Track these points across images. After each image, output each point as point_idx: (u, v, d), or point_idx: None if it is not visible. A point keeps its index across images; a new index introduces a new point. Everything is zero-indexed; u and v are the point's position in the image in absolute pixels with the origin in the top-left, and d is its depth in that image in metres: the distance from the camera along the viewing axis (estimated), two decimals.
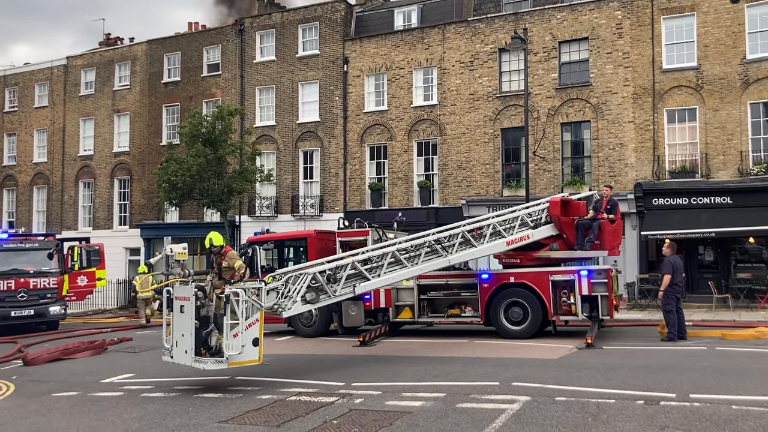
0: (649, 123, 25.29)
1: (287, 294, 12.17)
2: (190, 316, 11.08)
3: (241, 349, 10.80)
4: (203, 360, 11.01)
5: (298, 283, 12.27)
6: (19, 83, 40.84)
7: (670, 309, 14.78)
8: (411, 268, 14.32)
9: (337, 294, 12.96)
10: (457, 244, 14.98)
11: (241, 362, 11.03)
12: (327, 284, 12.71)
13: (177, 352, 11.36)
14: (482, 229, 15.57)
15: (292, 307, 12.22)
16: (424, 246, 14.66)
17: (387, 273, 13.92)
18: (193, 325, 11.04)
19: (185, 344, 11.15)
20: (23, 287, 21.85)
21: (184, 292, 11.32)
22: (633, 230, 24.96)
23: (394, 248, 14.14)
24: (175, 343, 11.41)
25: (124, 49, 38.16)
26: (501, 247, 15.77)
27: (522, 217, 16.11)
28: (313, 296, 12.49)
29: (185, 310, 11.21)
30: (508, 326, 16.06)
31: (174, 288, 11.71)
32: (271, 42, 33.17)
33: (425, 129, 29.42)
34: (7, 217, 40.26)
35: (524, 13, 27.69)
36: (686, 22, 25.06)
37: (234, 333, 10.90)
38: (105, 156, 37.44)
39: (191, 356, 11.03)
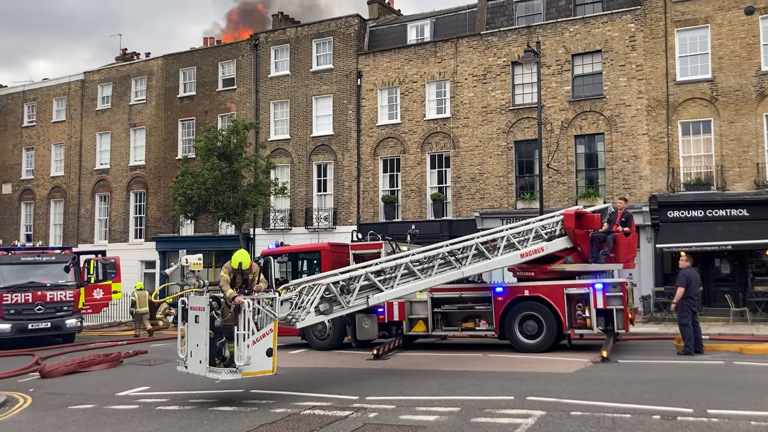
0: (663, 135, 25.20)
1: (301, 305, 12.21)
2: (205, 327, 11.13)
3: (248, 360, 10.83)
4: (217, 370, 11.05)
5: (312, 294, 12.31)
6: (38, 98, 41.41)
7: (686, 322, 14.66)
8: (424, 279, 14.33)
9: (350, 305, 12.97)
10: (471, 256, 14.97)
11: (255, 372, 11.06)
12: (340, 295, 12.74)
13: (191, 362, 11.41)
14: (496, 241, 15.55)
15: (306, 317, 12.25)
16: (437, 258, 14.67)
17: (400, 284, 13.93)
18: (207, 335, 11.09)
19: (200, 354, 11.18)
20: (40, 300, 22.04)
21: (199, 302, 11.38)
22: (648, 243, 24.81)
23: (407, 260, 14.17)
24: (190, 354, 11.44)
25: (140, 64, 38.61)
26: (515, 260, 15.73)
27: (536, 230, 16.07)
28: (326, 307, 12.51)
29: (200, 320, 11.26)
30: (523, 340, 15.99)
31: (189, 298, 11.77)
32: (285, 57, 33.45)
33: (438, 142, 29.48)
34: (25, 230, 40.69)
35: (537, 26, 27.75)
36: (700, 35, 25.00)
37: (248, 343, 10.95)
38: (121, 170, 37.81)
39: (205, 366, 11.07)
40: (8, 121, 42.31)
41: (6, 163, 42.05)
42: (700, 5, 24.92)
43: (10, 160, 41.88)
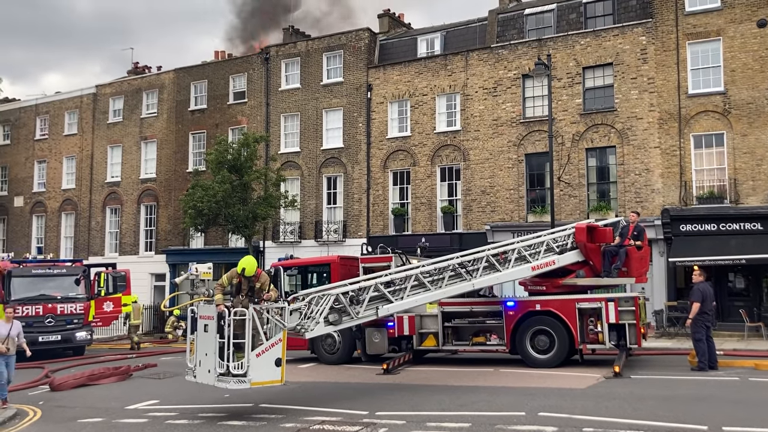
0: (675, 148, 25.05)
1: (310, 315, 12.18)
2: (214, 335, 11.08)
3: (247, 369, 10.76)
4: (226, 379, 10.98)
5: (321, 305, 12.27)
6: (50, 111, 41.74)
7: (699, 338, 14.48)
8: (434, 291, 14.27)
9: (360, 316, 12.92)
10: (482, 268, 14.90)
11: (264, 382, 11.02)
12: (350, 306, 12.69)
13: (200, 371, 11.35)
14: (507, 253, 15.48)
15: (315, 328, 12.21)
16: (447, 269, 14.61)
17: (410, 296, 13.89)
18: (216, 344, 11.02)
19: (208, 363, 11.12)
20: (51, 313, 22.09)
21: (208, 311, 11.33)
22: (660, 257, 24.60)
23: (417, 271, 14.12)
24: (199, 363, 11.38)
25: (152, 78, 38.87)
26: (526, 272, 15.63)
27: (547, 242, 15.98)
28: (336, 318, 12.45)
29: (209, 329, 11.21)
30: (534, 355, 15.83)
31: (198, 307, 11.72)
32: (296, 70, 33.58)
33: (448, 154, 29.44)
34: (36, 242, 40.88)
35: (548, 39, 27.74)
36: (712, 47, 24.89)
37: (257, 353, 10.88)
38: (132, 182, 37.98)
39: (214, 376, 11.01)
40: (21, 134, 42.67)
41: (18, 175, 42.36)
42: (712, 18, 24.84)
43: (22, 172, 42.19)
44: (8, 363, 13.22)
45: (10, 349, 13.19)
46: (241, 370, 10.78)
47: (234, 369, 10.81)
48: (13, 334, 13.26)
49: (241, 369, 10.79)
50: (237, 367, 10.81)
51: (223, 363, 10.92)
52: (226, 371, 10.95)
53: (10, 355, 13.23)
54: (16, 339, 13.43)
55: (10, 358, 13.27)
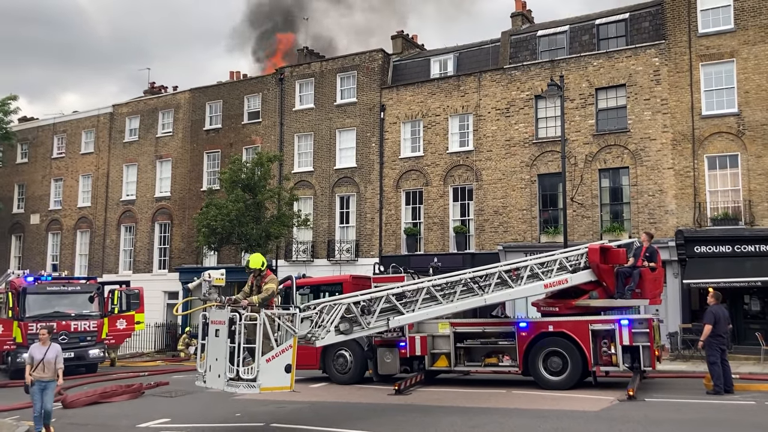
0: (689, 169, 24.95)
1: (321, 323, 12.24)
2: (225, 340, 11.11)
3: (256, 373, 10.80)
4: (235, 384, 11.00)
5: (332, 314, 12.35)
6: (67, 130, 42.27)
7: (714, 361, 14.31)
8: (446, 304, 14.32)
9: (371, 326, 13.01)
10: (494, 284, 14.92)
11: (273, 388, 11.05)
12: (361, 316, 12.78)
13: (210, 376, 11.38)
14: (519, 270, 15.49)
15: (326, 336, 12.27)
16: (459, 284, 14.70)
17: (421, 308, 13.95)
18: (227, 349, 11.04)
19: (219, 368, 11.13)
20: (65, 330, 22.20)
21: (220, 316, 11.38)
22: (675, 278, 24.41)
23: (429, 284, 14.22)
24: (209, 368, 11.40)
25: (167, 98, 39.33)
26: (538, 290, 15.63)
27: (560, 261, 15.96)
28: (346, 327, 12.52)
29: (220, 334, 11.25)
30: (547, 376, 15.72)
31: (210, 312, 11.80)
32: (310, 90, 33.86)
33: (461, 174, 29.48)
34: (51, 260, 41.21)
35: (560, 60, 27.83)
36: (725, 69, 24.86)
37: (267, 358, 10.90)
38: (147, 201, 38.28)
39: (224, 381, 11.02)
40: (38, 153, 43.20)
41: (35, 193, 42.83)
42: (725, 39, 24.84)
43: (39, 190, 42.66)
44: (45, 390, 11.84)
45: (46, 374, 11.82)
46: (251, 375, 10.82)
47: (244, 374, 10.85)
48: (50, 357, 11.90)
49: (251, 374, 10.83)
50: (247, 372, 10.84)
51: (233, 368, 10.95)
52: (236, 376, 10.96)
53: (46, 380, 11.84)
54: (54, 363, 11.97)
55: (48, 384, 11.87)
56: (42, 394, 11.76)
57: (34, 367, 11.80)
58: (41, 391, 11.79)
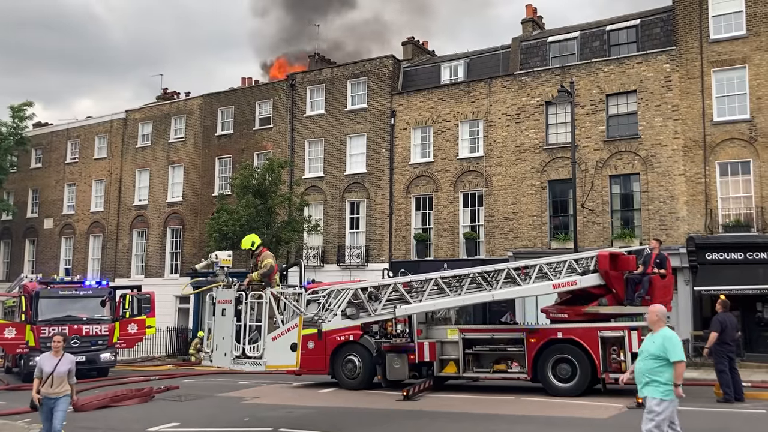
0: (700, 176, 24.83)
1: (328, 307, 12.37)
2: (231, 319, 11.22)
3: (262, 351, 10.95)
4: (241, 362, 11.15)
5: (340, 298, 12.56)
6: (81, 136, 42.65)
7: (722, 369, 14.22)
8: (453, 297, 14.45)
9: (377, 313, 13.17)
10: (502, 281, 15.03)
11: (279, 366, 11.22)
12: (368, 302, 12.96)
13: (216, 355, 11.53)
14: (528, 269, 15.58)
15: (332, 320, 12.44)
16: (467, 278, 14.84)
17: (428, 299, 14.12)
18: (233, 327, 11.16)
19: (225, 347, 11.28)
20: (76, 334, 22.36)
21: (226, 295, 11.53)
22: (686, 285, 24.28)
23: (437, 275, 14.40)
24: (215, 347, 11.57)
25: (180, 103, 39.61)
26: (547, 289, 15.71)
27: (570, 263, 16.05)
28: (353, 312, 12.68)
29: (226, 313, 11.41)
30: (556, 383, 15.67)
31: (217, 292, 11.93)
32: (320, 96, 34.02)
33: (471, 180, 29.48)
34: (64, 264, 41.54)
35: (571, 66, 27.80)
36: (737, 75, 24.74)
37: (272, 336, 11.00)
38: (159, 206, 38.52)
39: (230, 359, 11.18)
40: (52, 158, 43.61)
41: (49, 198, 43.22)
42: (737, 46, 24.74)
43: (53, 195, 43.04)
44: (55, 409, 10.00)
45: (57, 389, 9.98)
46: (256, 353, 10.93)
47: (249, 351, 10.97)
48: (61, 370, 10.04)
49: (256, 352, 10.94)
50: (253, 350, 10.96)
51: (239, 346, 11.06)
52: (242, 354, 11.07)
53: (56, 397, 9.96)
54: (66, 378, 10.14)
55: (59, 402, 9.98)
56: (51, 413, 10.00)
57: (44, 381, 10.01)
58: (50, 409, 10.00)
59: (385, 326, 17.45)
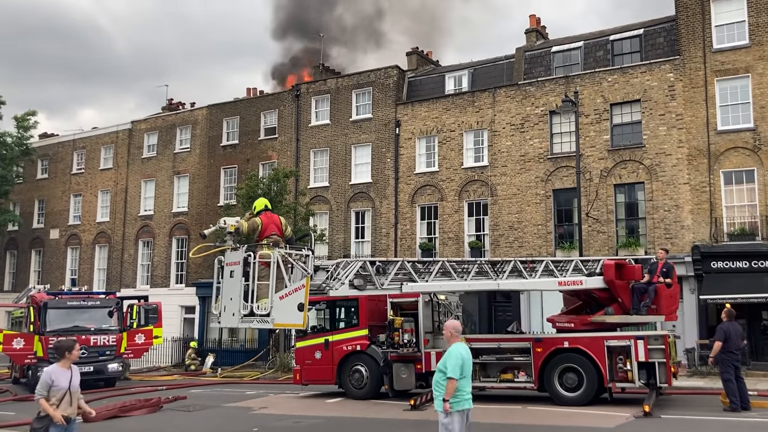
0: (705, 185, 24.90)
1: (336, 276, 12.78)
2: (239, 280, 11.45)
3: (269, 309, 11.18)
4: (249, 320, 11.42)
5: (348, 268, 12.96)
6: (87, 146, 42.88)
7: (728, 378, 14.26)
8: (458, 281, 14.89)
9: (384, 287, 13.64)
10: (508, 272, 15.28)
11: (286, 324, 11.62)
12: (375, 275, 13.32)
13: (225, 316, 11.80)
14: (535, 264, 15.86)
15: (339, 288, 12.81)
16: (474, 264, 15.29)
17: (435, 281, 14.51)
18: (241, 288, 11.40)
19: (233, 307, 11.53)
20: (84, 344, 22.37)
21: (234, 257, 11.78)
22: (692, 294, 24.29)
23: (444, 259, 14.91)
24: (224, 308, 11.84)
25: (185, 114, 39.82)
26: (552, 285, 16.04)
27: (576, 263, 16.37)
28: (360, 282, 13.05)
29: (234, 274, 11.65)
30: (563, 392, 15.73)
31: (225, 255, 12.14)
32: (325, 107, 34.19)
33: (476, 190, 29.58)
34: (70, 274, 41.69)
35: (575, 76, 27.93)
36: (741, 84, 24.83)
37: (280, 295, 11.26)
38: (164, 216, 38.68)
39: (238, 318, 11.43)
40: (58, 169, 43.84)
41: (55, 209, 43.42)
42: (740, 55, 24.85)
43: (59, 206, 43.24)
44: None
45: (73, 408, 8.55)
46: (264, 311, 11.15)
47: (257, 310, 11.18)
48: (76, 384, 8.67)
49: (264, 310, 11.16)
50: (260, 308, 11.17)
51: (247, 305, 11.27)
52: (250, 312, 11.30)
53: (72, 418, 8.54)
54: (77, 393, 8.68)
55: (72, 426, 8.56)
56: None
57: (60, 399, 8.43)
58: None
59: (392, 336, 17.53)
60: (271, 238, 11.93)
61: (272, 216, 12.46)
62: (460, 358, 7.95)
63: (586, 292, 17.01)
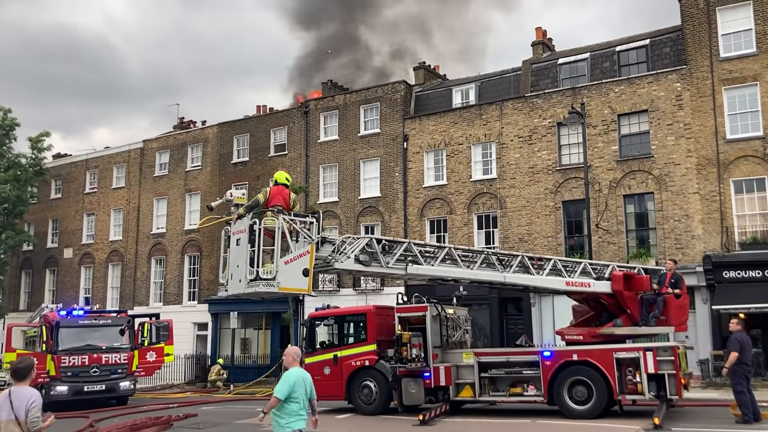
0: (715, 194, 24.74)
1: (342, 251, 13.08)
2: (245, 247, 11.64)
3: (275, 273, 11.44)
4: (255, 284, 11.65)
5: (354, 244, 13.25)
6: (99, 166, 43.33)
7: (741, 389, 14.07)
8: (464, 269, 15.08)
9: (389, 266, 13.87)
10: (515, 265, 15.26)
11: (292, 288, 11.82)
12: (381, 253, 13.56)
13: (231, 283, 12.01)
14: (543, 262, 15.87)
15: (345, 261, 13.13)
16: (481, 254, 15.46)
17: (440, 266, 14.70)
18: (248, 254, 11.56)
19: (239, 274, 11.75)
20: (96, 362, 22.61)
21: (240, 226, 11.99)
22: (704, 304, 24.08)
23: (451, 246, 15.18)
24: (231, 276, 12.00)
25: (196, 132, 40.18)
26: (559, 284, 16.04)
27: (585, 265, 16.49)
28: (366, 258, 13.37)
29: (241, 242, 11.88)
30: (572, 405, 15.62)
31: (231, 225, 12.29)
32: (334, 122, 34.39)
33: (485, 202, 29.56)
34: (84, 293, 41.99)
35: (582, 87, 27.94)
36: (749, 92, 24.73)
37: (285, 260, 11.42)
38: (176, 234, 38.93)
39: (245, 283, 11.64)
40: (71, 188, 44.31)
41: (68, 228, 43.83)
42: (748, 63, 24.76)
43: (72, 225, 43.65)
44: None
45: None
46: (270, 275, 11.28)
47: (263, 274, 11.32)
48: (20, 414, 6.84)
49: (270, 274, 11.29)
50: (266, 273, 11.31)
51: (253, 270, 11.38)
52: (256, 276, 11.41)
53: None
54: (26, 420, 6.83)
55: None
56: None
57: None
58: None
59: (400, 351, 17.50)
60: (276, 208, 12.20)
61: (282, 189, 12.77)
62: (290, 381, 8.23)
63: (594, 298, 16.96)
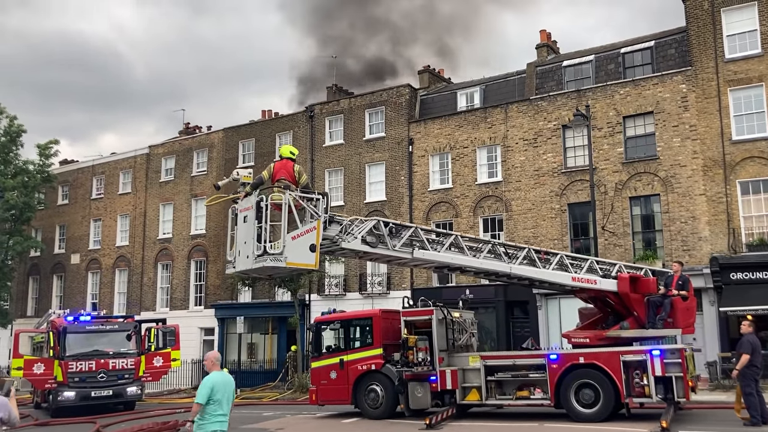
0: (721, 195, 24.65)
1: (350, 231, 13.24)
2: (252, 223, 11.74)
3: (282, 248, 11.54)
4: (263, 259, 11.81)
5: (362, 226, 13.41)
6: (106, 171, 43.50)
7: (750, 392, 13.99)
8: (470, 258, 15.14)
9: (395, 249, 14.00)
10: (521, 258, 15.29)
11: (298, 263, 11.97)
12: (388, 236, 13.70)
13: (239, 260, 12.17)
14: (549, 256, 15.91)
15: (352, 242, 13.22)
16: (487, 244, 15.52)
17: (445, 252, 14.77)
18: (255, 231, 11.69)
19: (247, 250, 11.88)
20: (103, 368, 22.65)
21: (247, 203, 12.09)
22: (711, 306, 23.98)
23: (458, 233, 15.35)
24: (238, 253, 12.13)
25: (202, 137, 40.29)
26: (565, 280, 16.07)
27: (591, 263, 16.47)
28: (373, 240, 13.48)
29: (248, 219, 11.98)
30: (580, 409, 15.55)
31: (238, 203, 12.41)
32: (339, 126, 34.44)
33: (491, 205, 29.53)
34: (91, 298, 42.11)
35: (587, 90, 27.90)
36: (755, 93, 24.65)
37: (292, 236, 11.67)
38: (182, 239, 39.02)
39: (252, 259, 11.77)
40: (78, 194, 44.48)
41: (75, 234, 43.98)
42: (753, 64, 24.68)
43: (79, 231, 43.80)
44: None
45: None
46: (277, 250, 11.35)
47: (270, 249, 11.39)
48: None
49: (277, 249, 11.35)
50: (273, 247, 11.37)
51: (260, 246, 11.56)
52: (263, 252, 11.45)
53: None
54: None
55: None
56: None
57: None
58: None
59: (406, 355, 17.46)
60: (281, 182, 12.24)
61: (287, 163, 12.88)
62: (210, 385, 8.46)
63: (600, 298, 16.92)
